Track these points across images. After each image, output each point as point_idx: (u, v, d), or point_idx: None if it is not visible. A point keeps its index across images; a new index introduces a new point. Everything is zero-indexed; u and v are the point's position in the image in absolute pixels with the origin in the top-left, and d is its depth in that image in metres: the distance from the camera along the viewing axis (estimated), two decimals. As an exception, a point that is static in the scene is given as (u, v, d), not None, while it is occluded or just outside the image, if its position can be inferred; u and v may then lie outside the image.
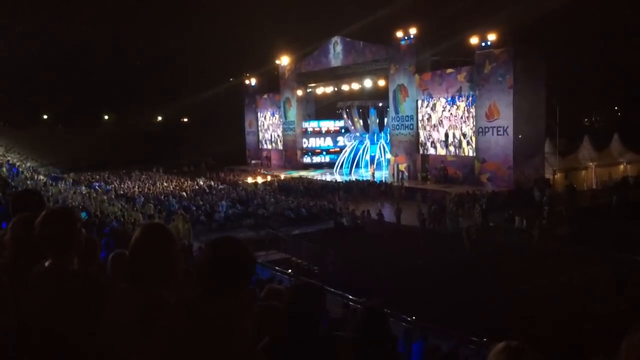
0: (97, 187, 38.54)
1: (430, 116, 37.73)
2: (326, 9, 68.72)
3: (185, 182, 40.14)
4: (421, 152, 38.62)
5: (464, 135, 35.32)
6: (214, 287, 1.92)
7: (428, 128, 37.94)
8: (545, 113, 32.97)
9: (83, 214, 20.77)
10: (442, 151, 37.09)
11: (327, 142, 50.61)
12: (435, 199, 29.71)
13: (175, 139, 66.01)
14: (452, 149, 36.22)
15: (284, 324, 2.60)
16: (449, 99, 35.98)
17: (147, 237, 2.21)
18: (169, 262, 2.13)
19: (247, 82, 59.82)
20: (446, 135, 36.61)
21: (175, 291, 2.13)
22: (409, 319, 12.72)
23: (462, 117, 35.49)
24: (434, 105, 37.23)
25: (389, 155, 41.96)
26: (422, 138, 38.58)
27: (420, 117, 38.53)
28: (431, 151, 37.95)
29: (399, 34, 38.40)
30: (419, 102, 38.39)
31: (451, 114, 36.05)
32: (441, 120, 36.80)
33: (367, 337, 3.14)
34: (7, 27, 63.40)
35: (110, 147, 58.99)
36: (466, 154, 35.40)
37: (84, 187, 36.98)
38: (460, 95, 35.26)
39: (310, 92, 51.50)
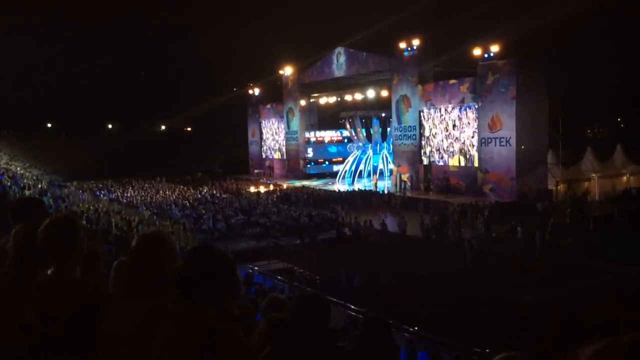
0: (100, 195, 38.62)
1: (436, 125, 37.65)
2: (330, 20, 69.15)
3: (188, 191, 40.16)
4: (425, 162, 38.55)
5: (473, 145, 35.17)
6: (188, 295, 1.91)
7: (433, 132, 37.81)
8: (547, 124, 32.99)
9: (84, 221, 20.82)
10: (448, 160, 36.98)
11: (330, 151, 50.82)
12: (437, 210, 29.66)
13: (178, 148, 66.16)
14: (460, 158, 35.97)
15: (288, 333, 2.59)
16: (460, 108, 35.86)
17: (145, 246, 2.21)
18: (168, 271, 2.13)
19: (250, 92, 60.02)
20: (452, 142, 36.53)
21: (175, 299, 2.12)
22: (411, 329, 12.66)
23: (467, 126, 35.45)
24: (442, 113, 37.11)
25: (391, 166, 41.98)
26: (426, 149, 38.53)
27: (426, 127, 38.52)
28: (439, 161, 37.84)
29: (402, 45, 38.54)
30: (425, 112, 38.35)
31: (461, 120, 35.91)
32: (452, 125, 36.57)
33: (369, 348, 3.13)
34: (12, 36, 63.91)
35: (113, 156, 59.13)
36: (469, 164, 35.37)
37: (86, 195, 37.07)
38: (469, 106, 35.18)
39: (313, 102, 51.66)
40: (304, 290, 13.86)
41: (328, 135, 51.59)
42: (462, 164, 35.94)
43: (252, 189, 43.04)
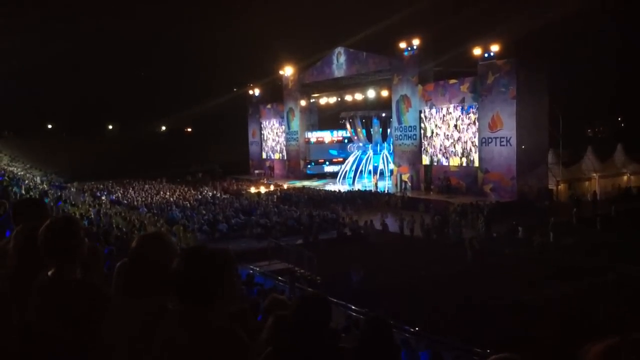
0: (101, 196, 38.61)
1: (437, 125, 37.61)
2: (330, 20, 69.17)
3: (189, 192, 40.17)
4: (427, 162, 38.48)
5: (474, 144, 35.09)
6: (184, 295, 1.92)
7: (435, 132, 37.76)
8: (548, 123, 32.98)
9: (85, 222, 20.80)
10: (449, 160, 36.94)
11: (331, 152, 50.88)
12: (438, 210, 29.65)
13: (179, 148, 66.19)
14: (463, 159, 35.89)
15: (289, 333, 2.59)
16: (462, 108, 35.77)
17: (145, 247, 2.21)
18: (168, 271, 2.13)
19: (250, 92, 60.02)
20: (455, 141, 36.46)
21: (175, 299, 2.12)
22: (412, 329, 12.65)
23: (468, 127, 35.41)
24: (443, 113, 37.04)
25: (392, 166, 41.98)
26: (428, 149, 38.45)
27: (427, 127, 38.50)
28: (439, 161, 37.80)
29: (402, 44, 38.54)
30: (426, 112, 38.31)
31: (462, 120, 35.87)
32: (453, 125, 36.49)
33: (370, 348, 3.13)
34: (12, 37, 63.91)
35: (113, 157, 59.16)
36: (470, 164, 35.33)
37: (87, 196, 37.08)
38: (471, 106, 35.11)
39: (313, 102, 51.66)
40: (305, 291, 13.87)
41: (328, 135, 51.62)
42: (463, 164, 35.92)
43: (253, 190, 43.06)
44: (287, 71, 51.48)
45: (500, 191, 32.56)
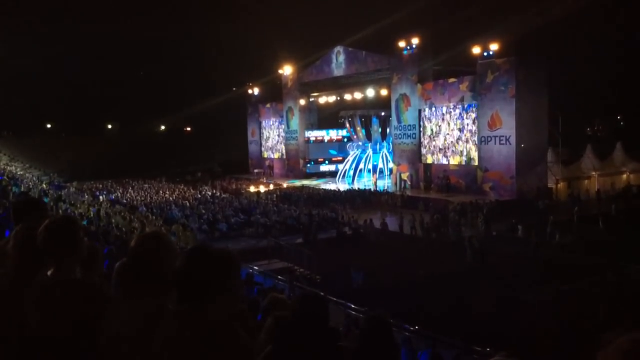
0: (100, 196, 38.56)
1: (437, 123, 37.62)
2: (329, 19, 69.12)
3: (188, 191, 40.15)
4: (427, 160, 38.47)
5: (473, 143, 35.05)
6: (186, 294, 1.92)
7: (435, 131, 37.76)
8: (547, 122, 33.00)
9: (84, 222, 20.80)
10: (449, 159, 36.95)
11: (330, 151, 50.88)
12: (437, 208, 29.66)
13: (178, 148, 66.13)
14: (462, 158, 35.89)
15: (289, 333, 2.59)
16: (462, 107, 35.77)
17: (144, 246, 2.21)
18: (168, 270, 2.12)
19: (250, 91, 59.95)
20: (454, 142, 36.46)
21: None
22: (411, 328, 12.65)
23: (468, 125, 35.41)
24: (443, 112, 37.03)
25: (391, 164, 41.99)
26: (429, 148, 38.44)
27: (427, 126, 38.51)
28: (438, 160, 37.80)
29: (402, 43, 38.51)
30: (426, 111, 38.31)
31: (462, 119, 35.85)
32: (452, 124, 36.49)
33: (370, 347, 3.13)
34: (12, 37, 63.88)
35: (113, 156, 59.09)
36: (471, 162, 35.33)
37: (86, 196, 37.04)
38: (470, 105, 35.10)
39: (312, 101, 51.62)
40: (304, 290, 13.87)
41: (327, 134, 51.60)
42: (463, 162, 35.92)
43: (252, 189, 43.05)
44: (287, 70, 51.42)
45: (499, 190, 32.57)
